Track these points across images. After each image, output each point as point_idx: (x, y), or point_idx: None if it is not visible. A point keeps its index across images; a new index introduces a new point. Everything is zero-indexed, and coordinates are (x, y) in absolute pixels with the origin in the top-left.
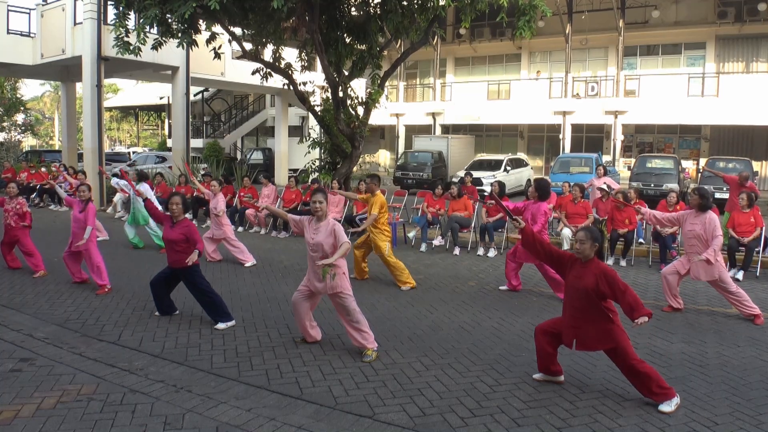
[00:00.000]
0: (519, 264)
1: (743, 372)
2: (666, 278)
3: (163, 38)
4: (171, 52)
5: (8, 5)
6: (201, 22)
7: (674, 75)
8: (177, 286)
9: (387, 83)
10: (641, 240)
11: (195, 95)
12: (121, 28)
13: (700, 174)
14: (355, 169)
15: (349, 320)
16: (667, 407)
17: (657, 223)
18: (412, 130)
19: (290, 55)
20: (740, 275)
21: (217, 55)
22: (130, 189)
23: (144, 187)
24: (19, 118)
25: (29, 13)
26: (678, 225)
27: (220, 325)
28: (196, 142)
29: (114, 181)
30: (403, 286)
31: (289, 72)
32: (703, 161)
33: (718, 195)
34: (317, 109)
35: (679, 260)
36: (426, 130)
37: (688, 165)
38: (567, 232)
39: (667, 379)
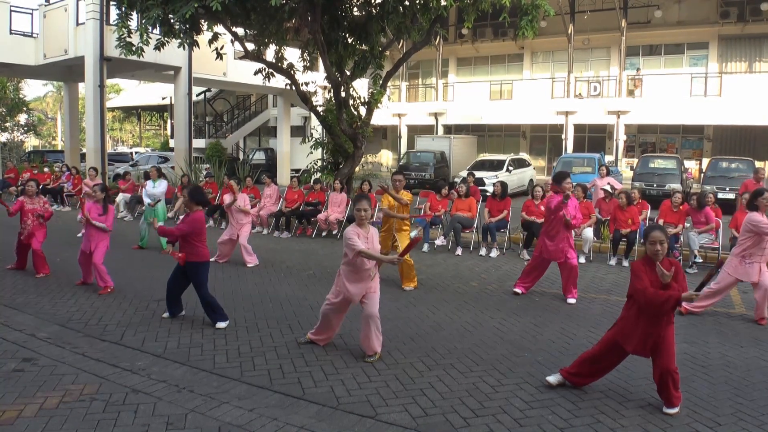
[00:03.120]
0: (543, 268)
1: (746, 372)
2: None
3: (166, 39)
4: (173, 53)
5: (11, 6)
6: (203, 22)
7: (677, 75)
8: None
9: (389, 83)
10: (644, 240)
11: (197, 95)
12: (123, 29)
13: (702, 174)
14: (357, 169)
15: (370, 325)
16: (672, 410)
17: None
18: (415, 130)
19: (292, 55)
20: None
21: (219, 56)
22: (157, 188)
23: (163, 184)
24: (22, 118)
25: (32, 14)
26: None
27: (221, 324)
28: (199, 143)
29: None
30: (408, 286)
31: (292, 72)
32: (705, 161)
33: (721, 195)
34: (319, 109)
35: (737, 275)
36: (428, 130)
37: (691, 165)
38: (588, 234)
39: None
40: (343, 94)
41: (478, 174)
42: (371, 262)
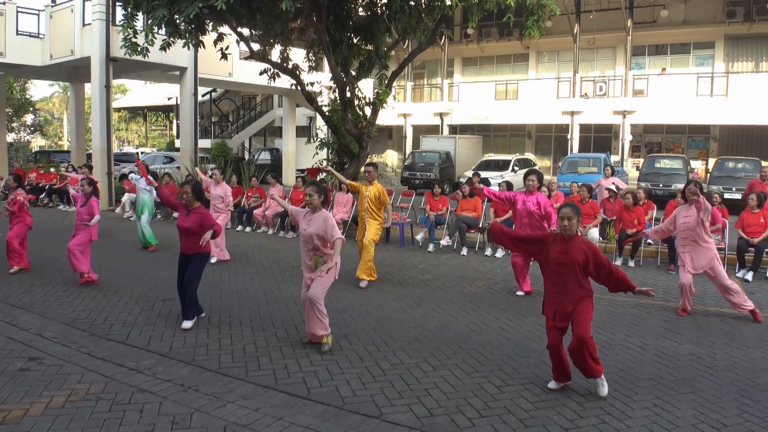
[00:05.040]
0: (526, 264)
1: (752, 373)
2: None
3: (171, 39)
4: (179, 53)
5: (17, 6)
6: (208, 22)
7: (683, 75)
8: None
9: (394, 83)
10: (650, 241)
11: (203, 96)
12: (129, 29)
13: (709, 174)
14: (362, 169)
15: (309, 308)
16: (603, 389)
17: (665, 234)
18: (420, 131)
19: (298, 55)
20: (749, 276)
21: (225, 56)
22: (138, 181)
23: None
24: (29, 118)
25: (38, 15)
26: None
27: (186, 324)
28: (204, 143)
29: (132, 176)
30: (365, 279)
31: (297, 72)
32: (712, 161)
33: (727, 195)
34: (325, 109)
35: (682, 265)
36: (434, 130)
37: (697, 165)
38: (593, 234)
39: (676, 380)
40: (348, 95)
41: (484, 174)
42: (309, 244)
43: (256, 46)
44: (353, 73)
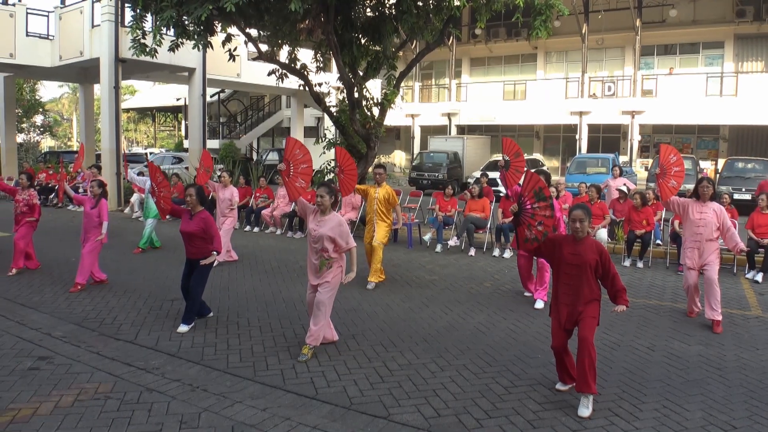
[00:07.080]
0: (529, 264)
1: (762, 375)
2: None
3: (180, 40)
4: (187, 54)
5: (27, 8)
6: (217, 23)
7: (692, 75)
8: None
9: (402, 84)
10: (659, 241)
11: (211, 96)
12: (137, 30)
13: (718, 175)
14: (370, 169)
15: (315, 311)
16: (585, 410)
17: (678, 202)
18: (428, 131)
19: (306, 56)
20: (759, 277)
21: (233, 57)
22: (145, 183)
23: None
24: (38, 119)
25: (48, 16)
26: (677, 211)
27: (183, 327)
28: (213, 143)
29: (130, 175)
30: (374, 282)
31: (305, 73)
32: (721, 161)
33: (737, 196)
34: (332, 109)
35: (688, 267)
36: (441, 130)
37: (707, 165)
38: (602, 234)
39: (685, 381)
40: (356, 95)
41: (492, 174)
42: (318, 245)
43: (264, 47)
44: (361, 74)
